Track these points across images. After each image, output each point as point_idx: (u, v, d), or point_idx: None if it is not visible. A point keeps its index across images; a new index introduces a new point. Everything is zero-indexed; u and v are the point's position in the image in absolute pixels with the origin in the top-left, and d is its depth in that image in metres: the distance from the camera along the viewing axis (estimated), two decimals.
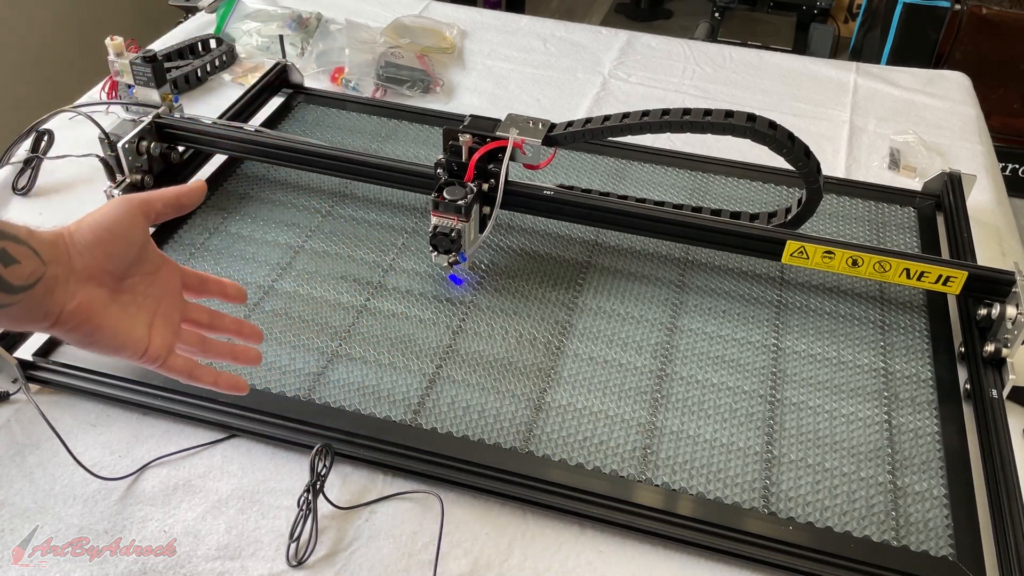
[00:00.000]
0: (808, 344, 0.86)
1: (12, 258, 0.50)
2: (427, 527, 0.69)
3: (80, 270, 0.54)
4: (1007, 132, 2.19)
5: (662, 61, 1.39)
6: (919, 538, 0.69)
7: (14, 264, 0.50)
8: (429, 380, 0.80)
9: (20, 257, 0.51)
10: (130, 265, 0.58)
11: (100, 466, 0.72)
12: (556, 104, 1.27)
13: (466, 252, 0.88)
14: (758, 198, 1.06)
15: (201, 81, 1.25)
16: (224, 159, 1.07)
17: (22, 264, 0.51)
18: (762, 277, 0.94)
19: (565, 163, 1.10)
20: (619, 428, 0.76)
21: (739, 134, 0.83)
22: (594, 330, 0.86)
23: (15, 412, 0.77)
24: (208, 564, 0.66)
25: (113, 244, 0.56)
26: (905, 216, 1.04)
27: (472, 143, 0.88)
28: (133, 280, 0.58)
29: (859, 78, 1.35)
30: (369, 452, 0.73)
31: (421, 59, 1.30)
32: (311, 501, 0.68)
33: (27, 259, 0.51)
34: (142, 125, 0.95)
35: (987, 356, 0.82)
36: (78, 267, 0.54)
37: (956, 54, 2.17)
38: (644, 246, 0.97)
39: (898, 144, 1.19)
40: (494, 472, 0.71)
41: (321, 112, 1.18)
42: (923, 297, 0.92)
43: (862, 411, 0.79)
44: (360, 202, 1.02)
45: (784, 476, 0.73)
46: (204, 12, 1.43)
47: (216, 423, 0.75)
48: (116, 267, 0.57)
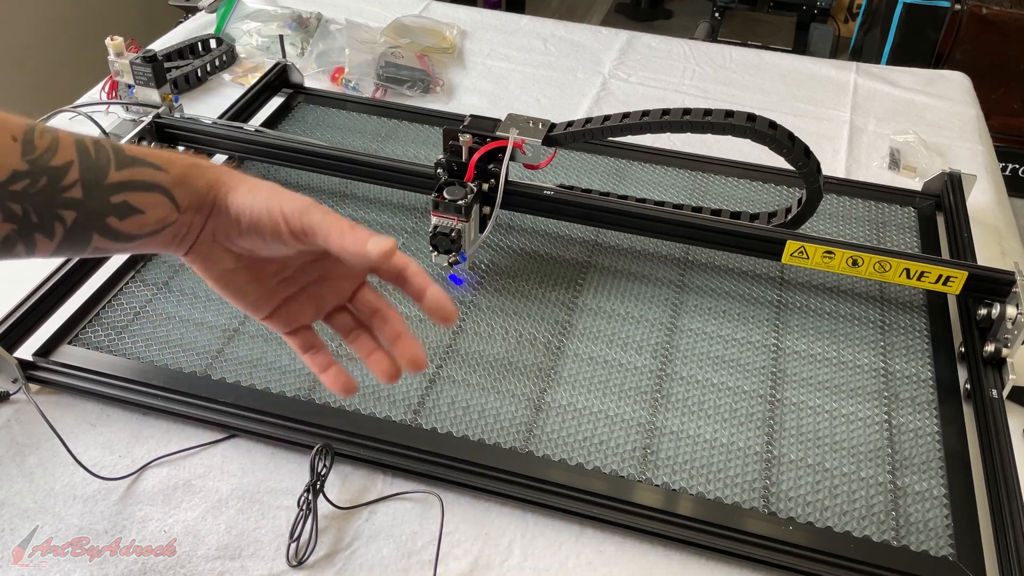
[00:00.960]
0: (808, 344, 0.86)
1: (134, 208, 0.48)
2: (427, 527, 0.69)
3: (212, 233, 0.51)
4: (1007, 132, 2.19)
5: (662, 61, 1.39)
6: (919, 538, 0.69)
7: (135, 215, 0.48)
8: (429, 380, 0.80)
9: (146, 207, 0.49)
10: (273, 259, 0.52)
11: (100, 466, 0.72)
12: (556, 104, 1.27)
13: (466, 252, 0.88)
14: (758, 198, 1.06)
15: (201, 81, 1.25)
16: (224, 159, 1.07)
17: (146, 214, 0.49)
18: (762, 277, 0.94)
19: (565, 163, 1.10)
20: (619, 428, 0.76)
21: (739, 134, 0.83)
22: (594, 330, 0.86)
23: (15, 412, 0.77)
24: (208, 564, 0.66)
25: (253, 244, 0.51)
26: (905, 216, 1.04)
27: (472, 143, 0.88)
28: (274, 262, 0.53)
29: (859, 78, 1.35)
30: (369, 452, 0.73)
31: (421, 59, 1.30)
32: (311, 501, 0.68)
33: (155, 208, 0.49)
34: (142, 125, 0.95)
35: (987, 356, 0.82)
36: (211, 229, 0.51)
37: (956, 54, 2.17)
38: (644, 246, 0.97)
39: (898, 144, 1.19)
40: (494, 472, 0.71)
41: (321, 112, 1.18)
42: (923, 297, 0.92)
43: (862, 411, 0.79)
44: (360, 202, 1.02)
45: (784, 476, 0.73)
46: (204, 12, 1.43)
47: (216, 423, 0.75)
48: (251, 255, 0.52)
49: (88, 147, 0.49)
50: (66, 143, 0.48)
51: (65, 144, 0.48)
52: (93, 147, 0.49)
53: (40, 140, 0.47)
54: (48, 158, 0.47)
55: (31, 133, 0.47)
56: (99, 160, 0.49)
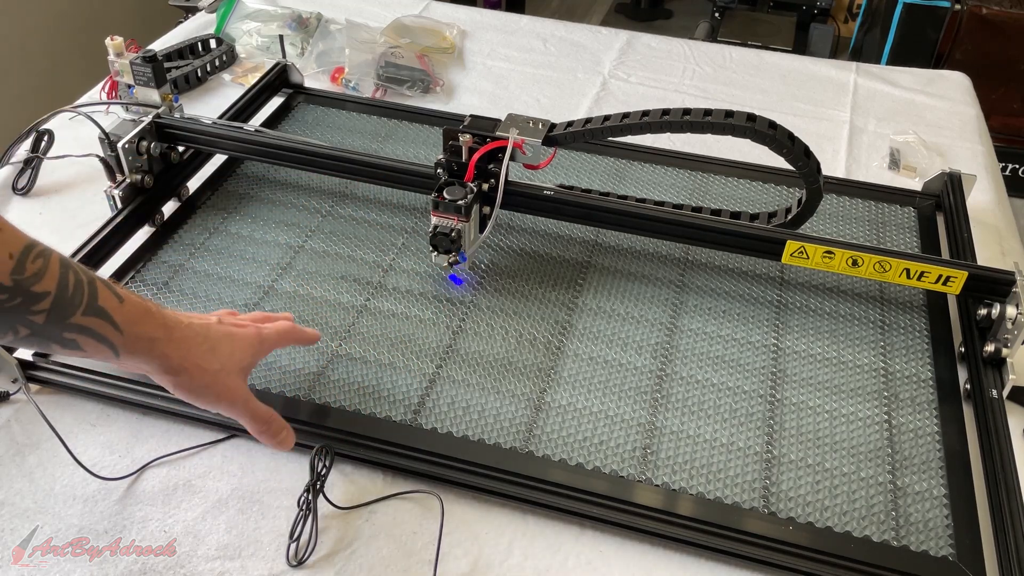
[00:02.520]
0: (808, 344, 0.86)
1: (79, 347, 0.57)
2: (427, 527, 0.69)
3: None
4: (1007, 132, 2.20)
5: (662, 61, 1.39)
6: (919, 538, 0.69)
7: (77, 350, 0.57)
8: (429, 380, 0.80)
9: (90, 350, 0.58)
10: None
11: (100, 466, 0.72)
12: (556, 104, 1.27)
13: (466, 252, 0.88)
14: (758, 198, 1.06)
15: (201, 81, 1.25)
16: (224, 159, 1.07)
17: (87, 352, 0.58)
18: (762, 277, 0.94)
19: (565, 163, 1.10)
20: (619, 428, 0.76)
21: (739, 134, 0.83)
22: (594, 330, 0.86)
23: (15, 412, 0.77)
24: (208, 564, 0.66)
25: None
26: (905, 216, 1.04)
27: (472, 143, 0.88)
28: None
29: (859, 78, 1.35)
30: (369, 452, 0.73)
31: (421, 59, 1.30)
32: (311, 501, 0.68)
33: (97, 352, 0.58)
34: (142, 125, 0.95)
35: (987, 356, 0.82)
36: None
37: (956, 54, 2.17)
38: (644, 246, 0.97)
39: (898, 144, 1.19)
40: (494, 472, 0.71)
41: (321, 112, 1.18)
42: (923, 297, 0.92)
43: (862, 411, 0.79)
44: (360, 202, 1.02)
45: (784, 476, 0.73)
46: (204, 12, 1.43)
47: (216, 423, 0.75)
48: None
49: (68, 283, 0.54)
50: (51, 273, 0.53)
51: (51, 274, 0.53)
52: (73, 283, 0.55)
53: (32, 264, 0.52)
54: (31, 282, 0.52)
55: (27, 254, 0.52)
56: (72, 300, 0.54)
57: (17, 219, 0.98)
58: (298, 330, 0.75)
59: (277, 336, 0.71)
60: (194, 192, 1.02)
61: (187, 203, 1.00)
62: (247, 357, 0.67)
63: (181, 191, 1.01)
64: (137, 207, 0.94)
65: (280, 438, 0.69)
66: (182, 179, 1.01)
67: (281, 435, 0.69)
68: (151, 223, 0.96)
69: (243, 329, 0.68)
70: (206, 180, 1.04)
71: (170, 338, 0.61)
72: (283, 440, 0.70)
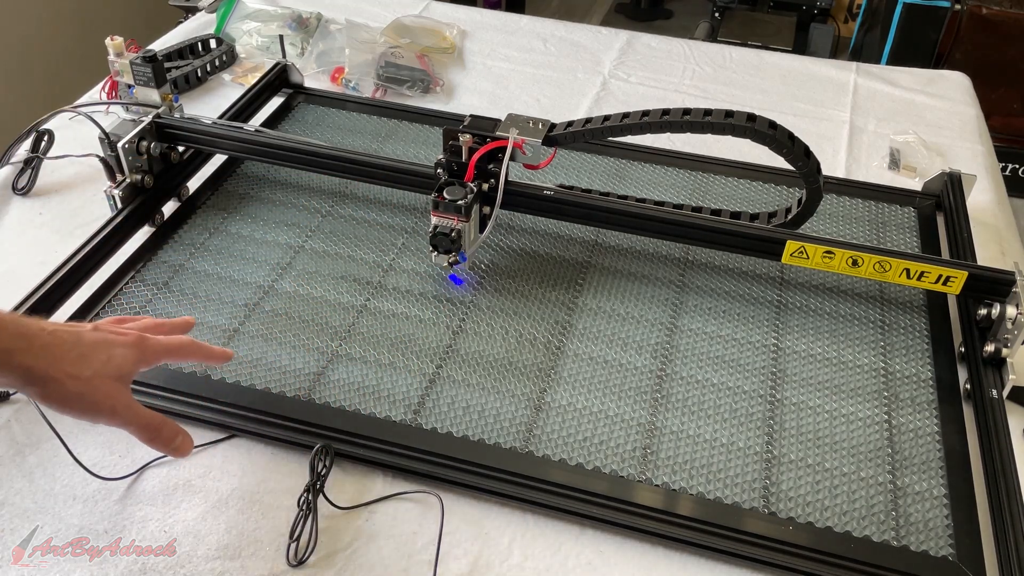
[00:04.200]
0: (808, 344, 0.86)
1: None
2: (427, 527, 0.69)
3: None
4: (1007, 132, 2.19)
5: (662, 61, 1.39)
6: (919, 538, 0.69)
7: None
8: (429, 380, 0.80)
9: None
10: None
11: (100, 466, 0.72)
12: (556, 104, 1.27)
13: (466, 252, 0.88)
14: (758, 198, 1.06)
15: (201, 81, 1.25)
16: (224, 159, 1.07)
17: None
18: (762, 277, 0.94)
19: (565, 163, 1.10)
20: (619, 428, 0.76)
21: (739, 134, 0.83)
22: (594, 330, 0.86)
23: (15, 412, 0.77)
24: (208, 564, 0.66)
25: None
26: (905, 216, 1.04)
27: (472, 143, 0.88)
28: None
29: (859, 78, 1.35)
30: (369, 452, 0.73)
31: (421, 59, 1.30)
32: (311, 501, 0.68)
33: None
34: (142, 125, 0.95)
35: (987, 356, 0.82)
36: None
37: (956, 54, 2.17)
38: (644, 246, 0.97)
39: (898, 144, 1.19)
40: (494, 472, 0.71)
41: (321, 112, 1.18)
42: (923, 297, 0.92)
43: (862, 411, 0.79)
44: (360, 202, 1.02)
45: (784, 476, 0.73)
46: (204, 12, 1.43)
47: (216, 423, 0.75)
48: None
49: None
50: None
51: None
52: None
53: None
54: None
55: None
56: None
57: (17, 219, 0.99)
58: (198, 346, 0.70)
59: (165, 349, 0.67)
60: (194, 192, 1.02)
61: (187, 203, 1.00)
62: (127, 364, 0.63)
63: (181, 191, 1.01)
64: (137, 207, 0.94)
65: (175, 444, 0.66)
66: (182, 179, 1.01)
67: (176, 441, 0.66)
68: (151, 223, 0.96)
69: (121, 336, 0.64)
70: (206, 180, 1.04)
71: (29, 348, 0.58)
72: (178, 446, 0.66)
